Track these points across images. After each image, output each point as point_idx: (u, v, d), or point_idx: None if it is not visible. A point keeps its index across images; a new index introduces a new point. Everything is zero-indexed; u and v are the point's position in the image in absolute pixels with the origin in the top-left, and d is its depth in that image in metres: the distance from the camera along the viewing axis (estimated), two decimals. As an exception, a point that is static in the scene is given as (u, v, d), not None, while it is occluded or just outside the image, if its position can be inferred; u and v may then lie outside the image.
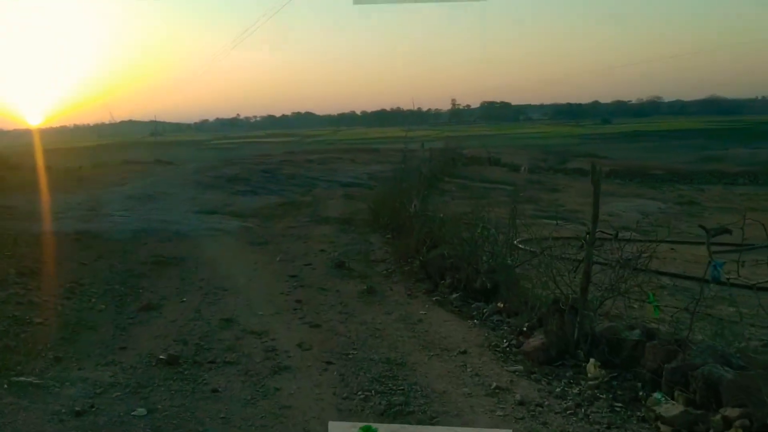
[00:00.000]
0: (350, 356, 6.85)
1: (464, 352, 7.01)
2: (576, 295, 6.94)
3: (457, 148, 48.90)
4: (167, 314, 8.54)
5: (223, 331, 7.80)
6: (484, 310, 8.78)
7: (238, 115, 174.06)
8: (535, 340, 6.95)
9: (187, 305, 9.08)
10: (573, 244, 8.88)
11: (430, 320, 8.44)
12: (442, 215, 12.26)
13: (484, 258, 9.86)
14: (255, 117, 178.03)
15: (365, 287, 10.18)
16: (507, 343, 7.35)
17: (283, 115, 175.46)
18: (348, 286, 10.45)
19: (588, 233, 7.27)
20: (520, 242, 10.55)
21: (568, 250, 8.48)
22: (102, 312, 8.52)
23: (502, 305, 8.66)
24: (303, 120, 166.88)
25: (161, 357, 6.57)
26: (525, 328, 7.60)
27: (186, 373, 6.26)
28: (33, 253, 11.52)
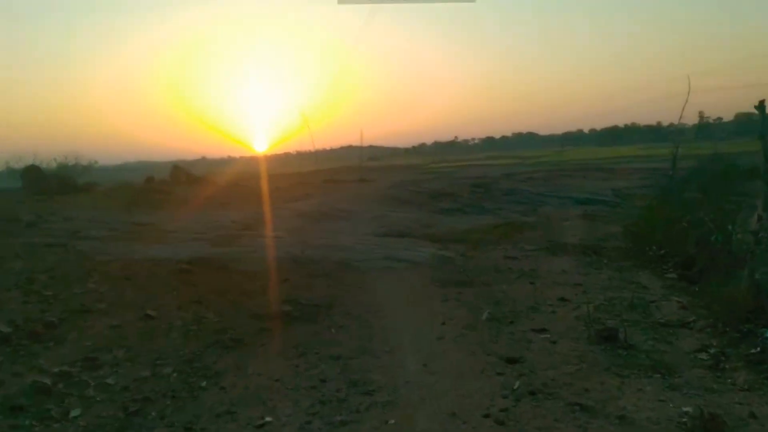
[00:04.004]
0: None
1: None
2: None
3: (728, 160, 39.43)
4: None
5: None
6: None
7: (456, 137, 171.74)
8: None
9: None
10: None
11: None
12: None
13: None
14: (473, 139, 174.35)
15: (697, 411, 4.21)
16: None
17: (503, 137, 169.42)
18: (644, 401, 4.56)
19: None
20: None
21: None
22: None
23: None
24: (524, 141, 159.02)
25: None
26: None
27: None
28: (93, 292, 7.40)
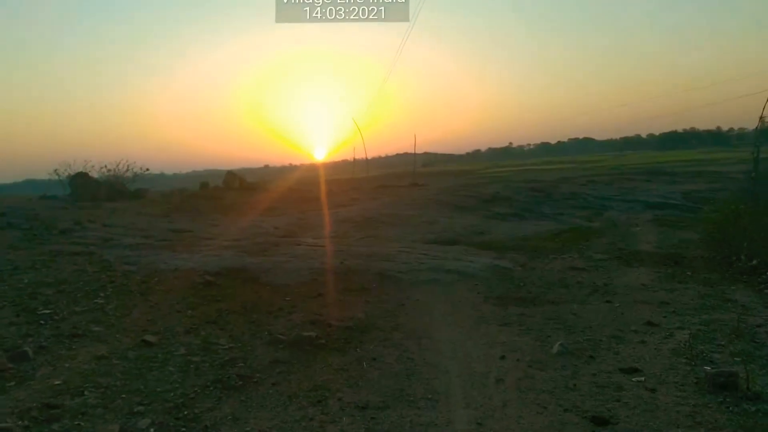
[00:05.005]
0: None
1: None
2: None
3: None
4: None
5: None
6: None
7: (510, 143, 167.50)
8: None
9: None
10: None
11: None
12: None
13: None
14: (528, 145, 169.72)
15: None
16: None
17: (559, 142, 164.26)
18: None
19: None
20: None
21: None
22: None
23: None
24: (580, 146, 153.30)
25: None
26: None
27: None
28: (96, 311, 6.26)
